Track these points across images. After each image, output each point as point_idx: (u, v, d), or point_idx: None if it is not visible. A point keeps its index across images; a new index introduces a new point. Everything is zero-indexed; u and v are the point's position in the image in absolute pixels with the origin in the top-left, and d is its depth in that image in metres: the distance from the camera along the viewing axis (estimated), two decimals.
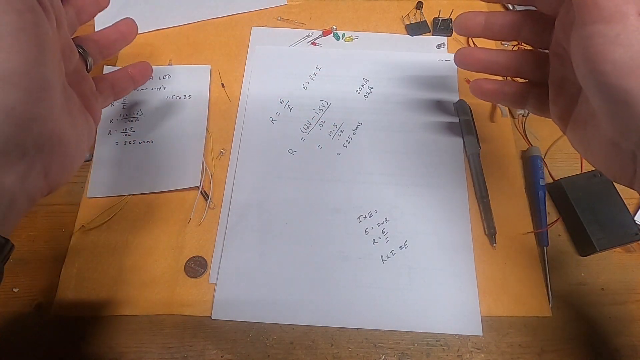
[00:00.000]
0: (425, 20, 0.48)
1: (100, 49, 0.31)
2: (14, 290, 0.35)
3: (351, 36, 0.47)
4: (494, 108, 0.43)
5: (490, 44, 0.46)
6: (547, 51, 0.28)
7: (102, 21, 0.48)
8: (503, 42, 0.46)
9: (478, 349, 0.33)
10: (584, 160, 0.39)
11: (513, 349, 0.34)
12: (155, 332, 0.34)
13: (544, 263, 0.36)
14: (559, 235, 0.38)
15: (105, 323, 0.26)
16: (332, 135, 0.41)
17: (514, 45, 0.45)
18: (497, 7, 0.49)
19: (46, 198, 0.38)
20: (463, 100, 0.42)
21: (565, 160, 0.40)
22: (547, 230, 0.37)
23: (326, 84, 0.44)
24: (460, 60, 0.30)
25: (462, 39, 0.47)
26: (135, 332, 0.34)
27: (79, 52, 0.29)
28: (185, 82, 0.44)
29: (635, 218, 0.36)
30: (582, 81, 0.22)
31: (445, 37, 0.47)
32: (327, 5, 0.49)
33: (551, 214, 0.38)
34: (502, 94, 0.30)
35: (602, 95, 0.21)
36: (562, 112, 0.26)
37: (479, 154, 0.39)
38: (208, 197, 0.38)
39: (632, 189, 0.23)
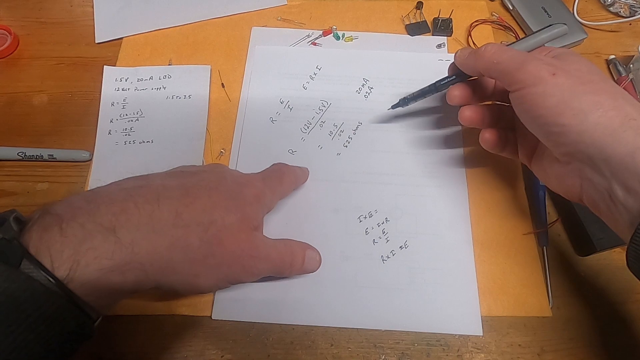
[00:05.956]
0: (425, 21, 0.48)
1: None
2: None
3: (351, 36, 0.47)
4: None
5: None
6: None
7: (103, 21, 0.48)
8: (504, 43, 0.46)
9: (478, 349, 0.33)
10: None
11: (513, 349, 0.34)
12: (155, 332, 0.34)
13: (544, 263, 0.36)
14: (559, 235, 0.38)
15: (105, 323, 0.26)
16: (332, 135, 0.41)
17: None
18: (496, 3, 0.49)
19: (46, 199, 0.39)
20: None
21: None
22: (547, 230, 0.37)
23: (326, 84, 0.44)
24: (461, 120, 0.35)
25: (462, 39, 0.47)
26: (135, 332, 0.34)
27: None
28: (185, 82, 0.44)
29: None
30: (528, 126, 0.30)
31: (445, 37, 0.47)
32: (327, 5, 0.49)
33: (551, 214, 0.38)
34: (490, 141, 0.35)
35: (543, 133, 0.29)
36: (526, 153, 0.34)
37: None
38: None
39: (582, 203, 0.29)
